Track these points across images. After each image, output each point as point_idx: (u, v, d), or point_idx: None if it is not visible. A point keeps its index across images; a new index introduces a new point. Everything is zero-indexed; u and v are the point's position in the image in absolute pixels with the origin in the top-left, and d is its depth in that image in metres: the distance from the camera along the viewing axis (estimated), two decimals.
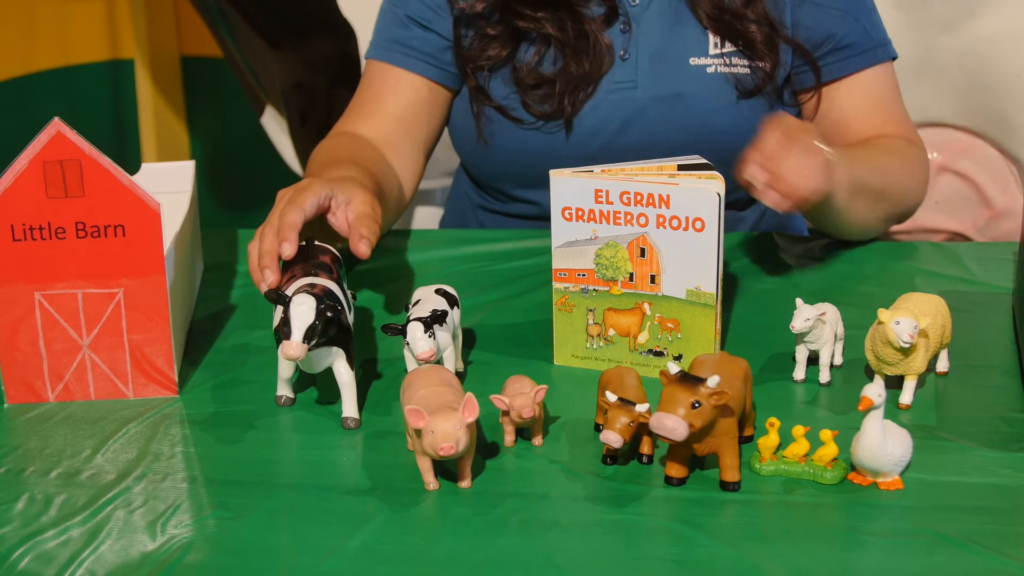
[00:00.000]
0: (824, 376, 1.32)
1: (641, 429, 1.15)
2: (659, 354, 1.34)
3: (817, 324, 1.29)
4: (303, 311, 1.18)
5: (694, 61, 1.64)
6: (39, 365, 1.29)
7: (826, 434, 1.13)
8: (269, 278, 1.29)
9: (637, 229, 1.30)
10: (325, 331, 1.20)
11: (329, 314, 1.19)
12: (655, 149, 1.64)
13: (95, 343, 1.29)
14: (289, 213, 1.33)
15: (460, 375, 1.32)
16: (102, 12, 3.15)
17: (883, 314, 1.23)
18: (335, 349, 1.23)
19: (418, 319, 1.25)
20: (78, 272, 1.27)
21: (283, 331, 1.18)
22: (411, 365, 1.27)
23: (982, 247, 1.76)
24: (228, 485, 1.16)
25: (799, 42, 1.65)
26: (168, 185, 1.57)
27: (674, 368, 1.10)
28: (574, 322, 1.36)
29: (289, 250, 1.29)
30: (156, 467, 1.19)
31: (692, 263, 1.29)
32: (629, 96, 1.65)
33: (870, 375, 1.31)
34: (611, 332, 1.35)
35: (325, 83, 2.50)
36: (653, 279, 1.31)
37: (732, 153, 1.63)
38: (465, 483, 1.14)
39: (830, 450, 1.13)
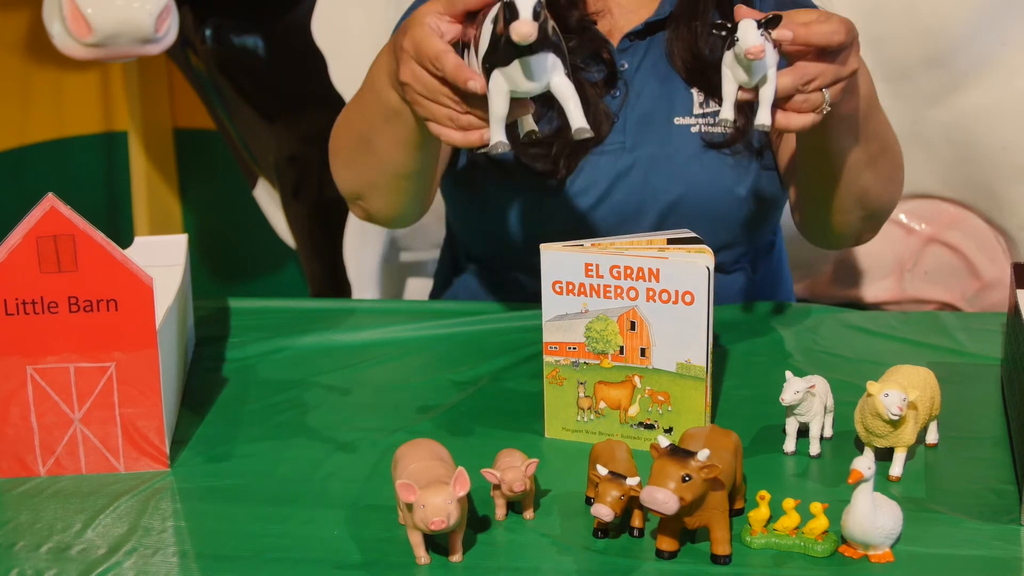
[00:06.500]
0: (814, 448, 1.32)
1: (632, 502, 1.15)
2: (650, 427, 1.34)
3: (807, 396, 1.30)
4: None
5: (679, 121, 1.66)
6: (30, 439, 1.29)
7: (816, 507, 1.14)
8: (476, 83, 1.20)
9: (627, 303, 1.31)
10: (546, 25, 1.14)
11: None
12: (642, 206, 1.65)
13: (87, 417, 1.29)
14: (444, 61, 1.22)
15: None
16: (96, 84, 3.17)
17: (872, 386, 1.24)
18: (553, 58, 1.18)
19: (751, 19, 1.22)
20: (70, 346, 1.27)
21: (506, 19, 1.13)
22: (731, 80, 1.25)
23: (971, 318, 1.77)
24: (219, 560, 1.16)
25: None
26: (161, 259, 1.58)
27: (664, 441, 1.10)
28: (565, 395, 1.36)
29: (477, 84, 1.20)
30: (147, 542, 1.19)
31: (682, 336, 1.30)
32: (617, 157, 1.66)
33: (860, 447, 1.32)
34: (602, 405, 1.35)
35: (318, 156, 2.51)
36: (643, 352, 1.32)
37: (713, 209, 1.65)
38: (456, 557, 1.14)
39: (820, 523, 1.13)
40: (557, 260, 1.32)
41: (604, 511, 1.11)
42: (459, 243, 1.87)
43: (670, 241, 1.32)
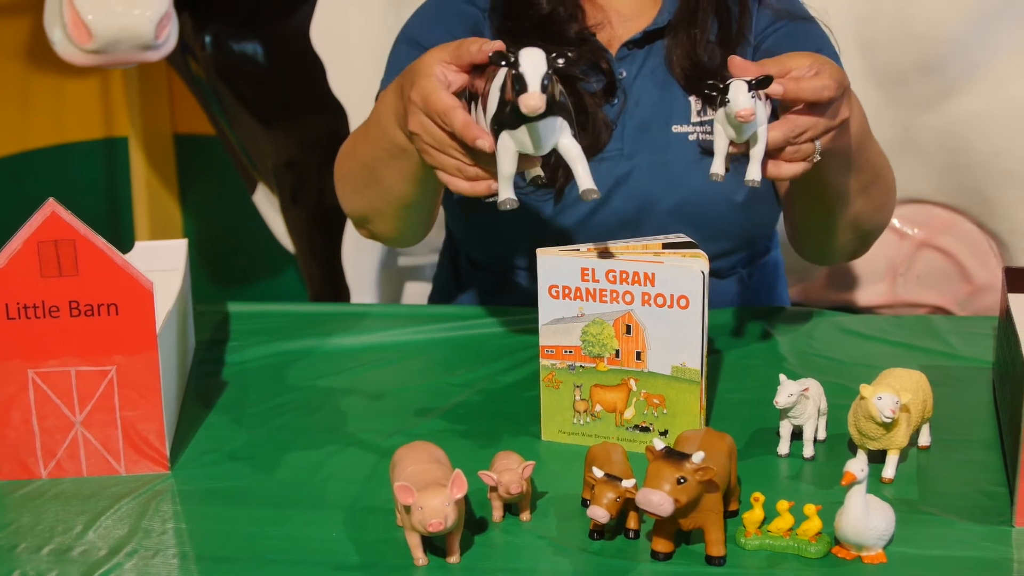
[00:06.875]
0: (808, 451, 1.33)
1: (628, 504, 1.16)
2: (645, 430, 1.35)
3: (800, 399, 1.31)
4: (535, 61, 1.14)
5: (676, 129, 1.67)
6: (32, 442, 1.30)
7: (810, 508, 1.15)
8: (484, 141, 1.22)
9: (623, 307, 1.32)
10: (553, 92, 1.16)
11: (560, 61, 1.15)
12: (640, 213, 1.66)
13: (88, 420, 1.30)
14: (453, 118, 1.24)
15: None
16: (97, 90, 3.18)
17: (865, 389, 1.25)
18: (560, 121, 1.19)
19: (742, 79, 1.23)
20: (71, 350, 1.28)
21: (515, 89, 1.14)
22: (722, 136, 1.27)
23: (963, 322, 1.78)
24: (219, 561, 1.17)
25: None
26: (161, 263, 1.59)
27: (660, 444, 1.11)
28: (561, 398, 1.37)
29: (485, 144, 1.22)
30: (147, 543, 1.20)
31: (677, 340, 1.31)
32: (615, 163, 1.67)
33: (853, 450, 1.33)
34: (598, 408, 1.36)
35: (316, 162, 2.53)
36: (639, 356, 1.33)
37: (712, 217, 1.66)
38: (454, 559, 1.15)
39: (814, 524, 1.14)
40: (553, 264, 1.34)
41: (600, 513, 1.12)
42: (459, 247, 1.88)
43: (666, 245, 1.34)
